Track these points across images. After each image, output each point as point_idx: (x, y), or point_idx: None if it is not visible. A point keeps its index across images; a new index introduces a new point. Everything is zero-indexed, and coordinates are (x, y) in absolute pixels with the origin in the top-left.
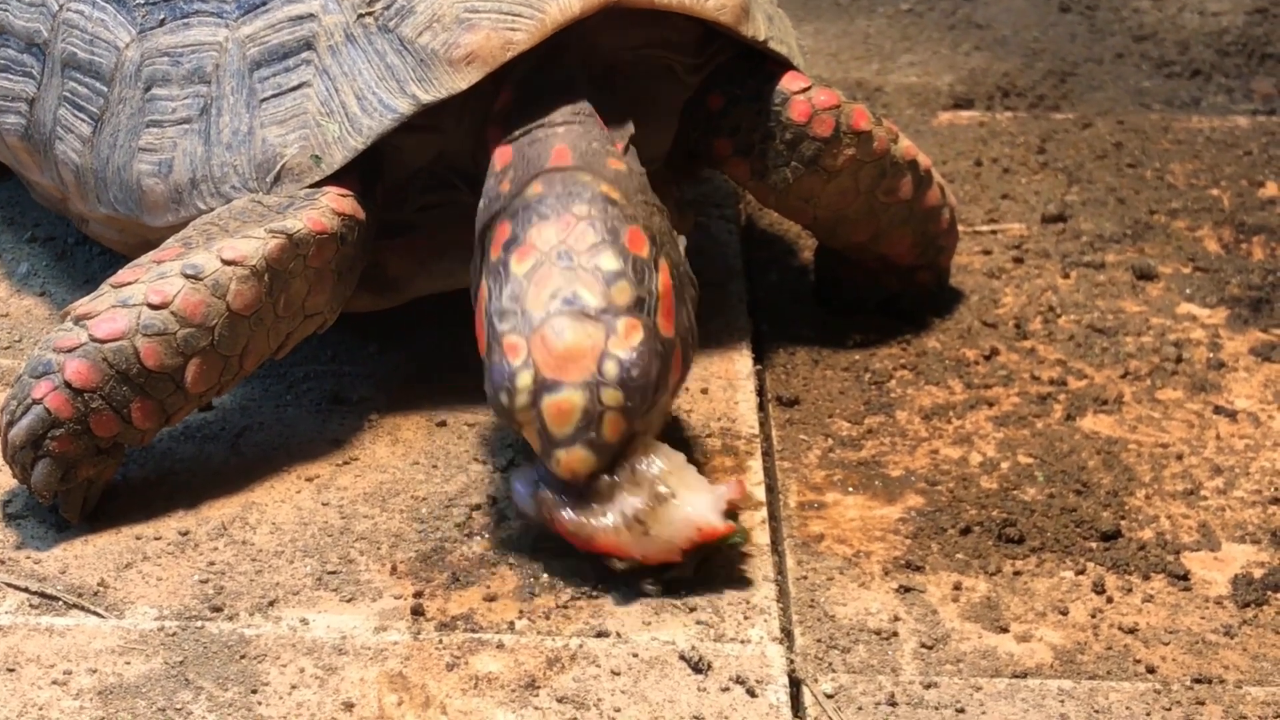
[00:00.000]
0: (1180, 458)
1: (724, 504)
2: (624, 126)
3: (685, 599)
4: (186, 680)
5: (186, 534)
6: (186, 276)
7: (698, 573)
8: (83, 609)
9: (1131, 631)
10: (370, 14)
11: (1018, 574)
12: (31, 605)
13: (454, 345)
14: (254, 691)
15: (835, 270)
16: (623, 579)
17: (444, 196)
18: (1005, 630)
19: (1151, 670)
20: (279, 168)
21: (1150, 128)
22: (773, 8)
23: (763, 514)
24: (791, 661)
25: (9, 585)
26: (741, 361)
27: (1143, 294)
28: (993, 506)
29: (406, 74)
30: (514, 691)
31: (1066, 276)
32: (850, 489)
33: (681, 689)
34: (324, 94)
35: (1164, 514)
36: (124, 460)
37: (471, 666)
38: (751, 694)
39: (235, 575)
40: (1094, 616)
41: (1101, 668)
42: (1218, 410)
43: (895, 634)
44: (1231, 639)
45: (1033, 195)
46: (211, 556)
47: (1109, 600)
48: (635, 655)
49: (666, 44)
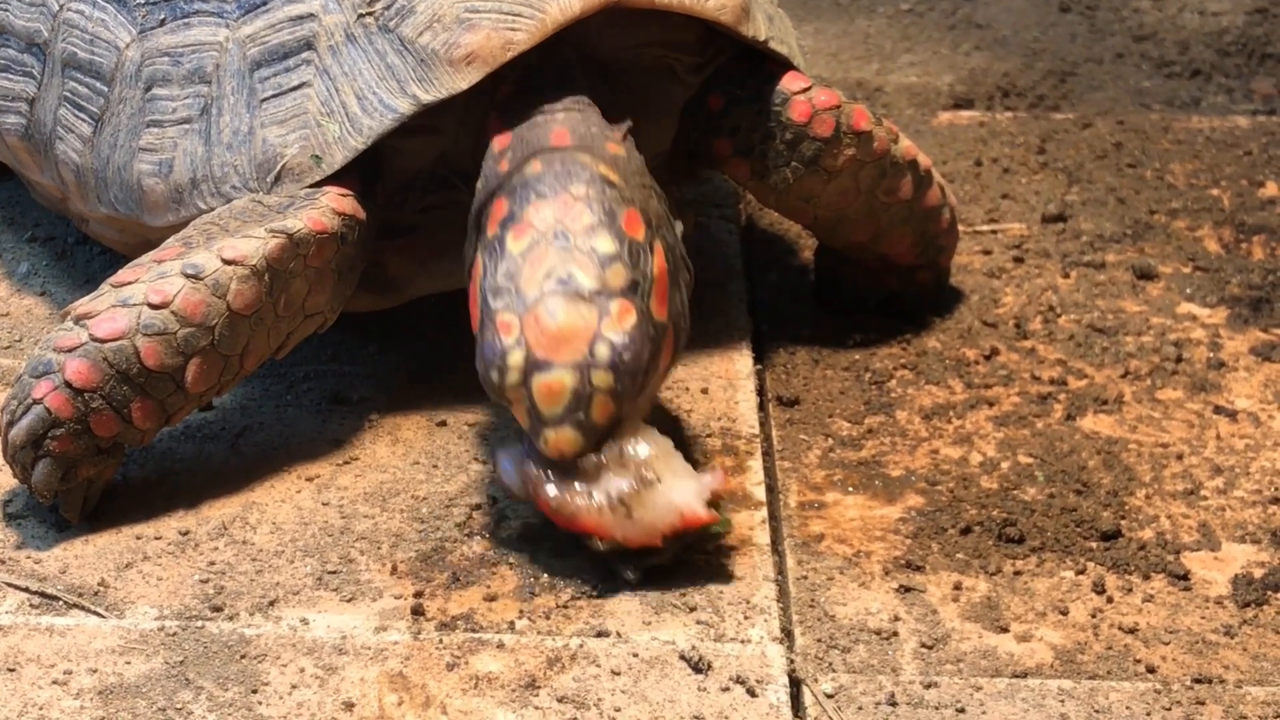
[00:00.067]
0: (1180, 457)
1: (708, 493)
2: (623, 122)
3: (685, 599)
4: (187, 680)
5: (187, 534)
6: (187, 276)
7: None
8: (83, 609)
9: (1132, 631)
10: (371, 14)
11: (1018, 574)
12: (32, 605)
13: (454, 345)
14: (254, 691)
15: (835, 270)
16: (623, 580)
17: (445, 197)
18: (1005, 630)
19: (1152, 670)
20: (279, 167)
21: (1150, 128)
22: (773, 8)
23: (763, 514)
24: (792, 661)
25: (9, 585)
26: (741, 361)
27: (1143, 294)
28: (993, 506)
29: (407, 74)
30: (514, 691)
31: (1066, 276)
32: (850, 489)
33: (682, 689)
34: (324, 94)
35: (1164, 514)
36: (124, 460)
37: (472, 666)
38: (752, 694)
39: (235, 575)
40: (1094, 616)
41: (1102, 668)
42: (1218, 410)
43: (895, 634)
44: (1231, 639)
45: (1033, 195)
46: (212, 556)
47: (1109, 600)
48: (635, 655)
49: (667, 44)
